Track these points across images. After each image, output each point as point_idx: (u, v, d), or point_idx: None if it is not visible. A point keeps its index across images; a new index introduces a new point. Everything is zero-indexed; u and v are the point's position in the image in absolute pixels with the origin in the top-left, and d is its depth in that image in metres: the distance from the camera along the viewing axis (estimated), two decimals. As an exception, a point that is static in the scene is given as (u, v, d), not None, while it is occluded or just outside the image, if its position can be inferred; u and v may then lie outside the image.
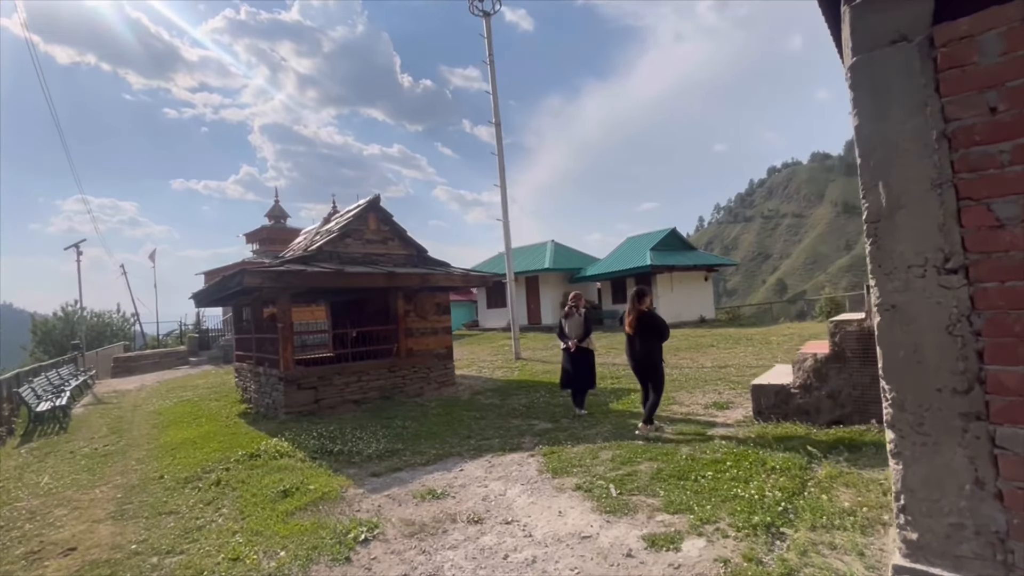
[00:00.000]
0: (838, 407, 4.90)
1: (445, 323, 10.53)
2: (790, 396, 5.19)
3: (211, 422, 8.51)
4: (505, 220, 14.18)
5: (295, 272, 7.92)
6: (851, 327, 4.82)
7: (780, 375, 5.79)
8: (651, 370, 5.69)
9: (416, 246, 10.24)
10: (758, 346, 12.23)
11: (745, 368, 9.34)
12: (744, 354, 11.15)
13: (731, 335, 15.38)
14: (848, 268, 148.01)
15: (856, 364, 4.78)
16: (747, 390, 7.35)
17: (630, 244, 25.70)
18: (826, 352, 4.98)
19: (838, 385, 4.90)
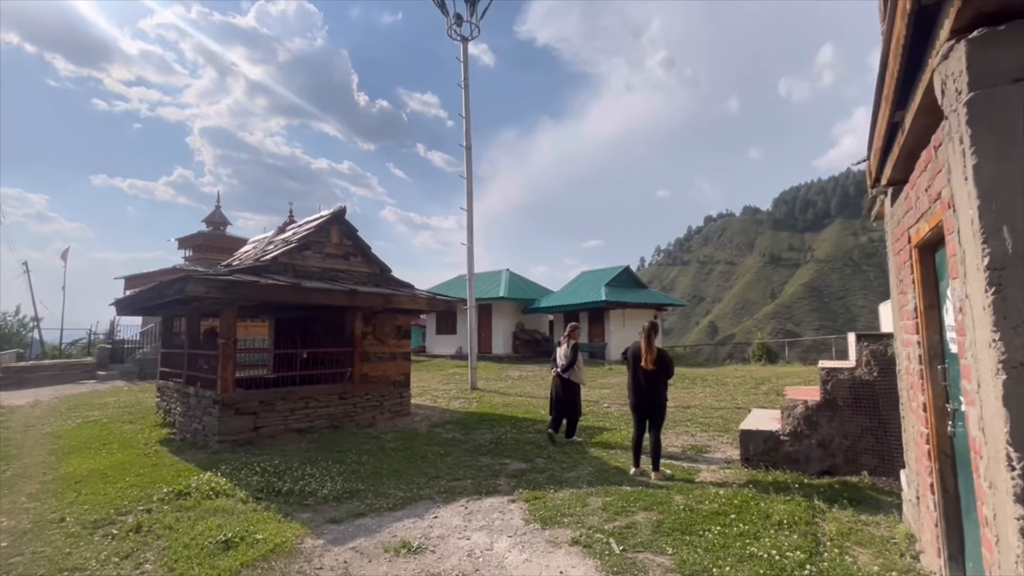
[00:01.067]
0: (829, 456, 4.83)
1: (404, 348, 9.89)
2: (779, 443, 5.08)
3: (125, 449, 7.34)
4: (470, 245, 13.82)
5: (247, 284, 7.12)
6: (843, 375, 4.81)
7: (763, 421, 5.70)
8: (658, 408, 5.46)
9: (380, 264, 9.63)
10: (714, 387, 12.41)
11: (709, 410, 9.34)
12: (703, 395, 11.23)
13: (686, 375, 15.61)
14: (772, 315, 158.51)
15: (847, 413, 4.74)
16: (720, 433, 7.29)
17: (584, 279, 26.01)
18: (816, 399, 4.92)
19: (829, 434, 4.83)
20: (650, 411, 5.43)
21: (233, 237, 24.26)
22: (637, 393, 5.46)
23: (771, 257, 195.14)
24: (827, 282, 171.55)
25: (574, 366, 7.36)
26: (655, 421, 5.42)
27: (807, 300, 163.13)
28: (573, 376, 7.34)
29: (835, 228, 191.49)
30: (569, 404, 7.31)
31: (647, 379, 5.41)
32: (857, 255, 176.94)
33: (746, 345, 61.93)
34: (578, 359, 7.39)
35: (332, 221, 9.04)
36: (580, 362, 7.44)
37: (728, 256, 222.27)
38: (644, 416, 5.49)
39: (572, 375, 7.34)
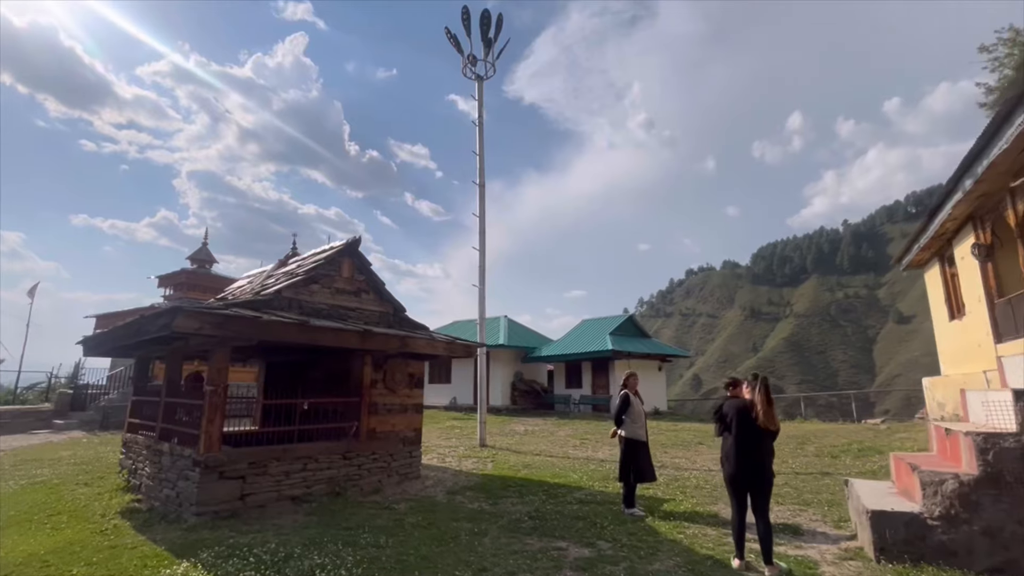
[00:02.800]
0: (1000, 549, 3.80)
1: (417, 399, 8.69)
2: (928, 529, 4.04)
3: (77, 522, 5.91)
4: (481, 288, 12.90)
5: (248, 320, 6.01)
6: (1007, 442, 3.87)
7: (883, 497, 4.67)
8: (769, 481, 4.39)
9: (393, 303, 8.59)
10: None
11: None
12: (742, 455, 10.11)
13: (704, 431, 14.50)
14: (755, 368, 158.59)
15: (1020, 492, 3.77)
16: (801, 506, 6.20)
17: (586, 327, 25.10)
18: (972, 473, 3.95)
19: (997, 519, 3.83)
20: (758, 484, 4.36)
21: (220, 276, 22.89)
22: (742, 462, 4.38)
23: (752, 311, 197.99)
24: (807, 336, 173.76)
25: (624, 418, 6.36)
26: (763, 498, 4.34)
27: (788, 355, 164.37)
28: (627, 431, 6.31)
29: (812, 284, 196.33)
30: (621, 464, 6.32)
31: (759, 444, 4.38)
32: (834, 310, 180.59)
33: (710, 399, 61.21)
34: (631, 409, 6.37)
35: (345, 253, 8.06)
36: (635, 412, 6.40)
37: (710, 309, 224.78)
38: (748, 491, 4.41)
39: (625, 429, 6.32)
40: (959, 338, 10.15)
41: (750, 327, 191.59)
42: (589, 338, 22.96)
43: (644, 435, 6.42)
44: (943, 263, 10.90)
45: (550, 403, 23.61)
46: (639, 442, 6.32)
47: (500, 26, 14.06)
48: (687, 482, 7.72)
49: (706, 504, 6.44)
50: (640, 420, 6.44)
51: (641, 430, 6.39)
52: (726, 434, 4.57)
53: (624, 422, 6.38)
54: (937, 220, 9.24)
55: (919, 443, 9.15)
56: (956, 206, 8.27)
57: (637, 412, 6.44)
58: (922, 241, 10.55)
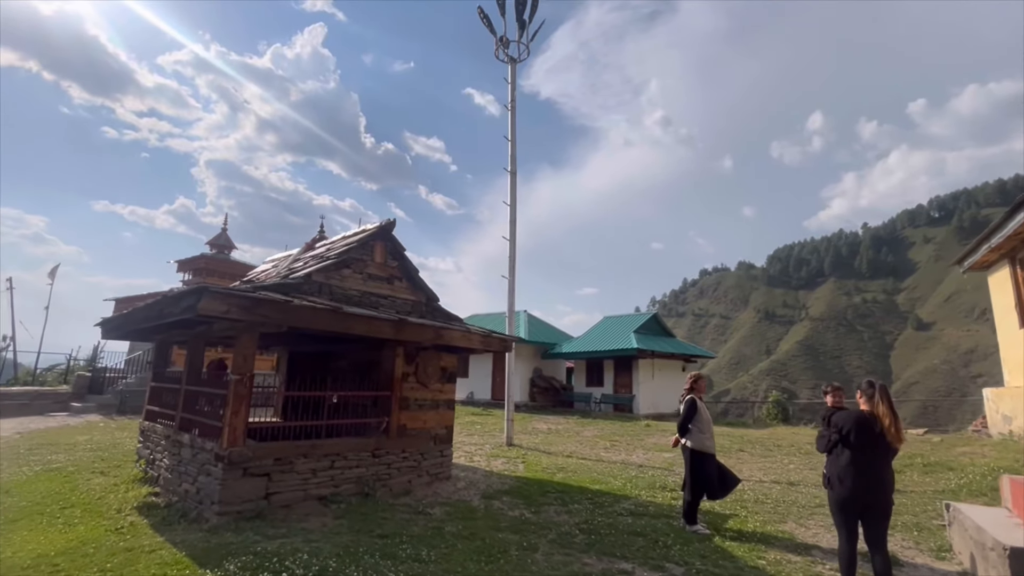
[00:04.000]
0: None
1: (449, 394, 8.16)
2: (1083, 573, 3.40)
3: (90, 518, 5.47)
4: (511, 278, 12.32)
5: (278, 304, 5.50)
6: None
7: (1007, 528, 4.03)
8: (888, 505, 3.73)
9: (426, 292, 8.06)
10: (789, 453, 10.63)
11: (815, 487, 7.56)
12: (792, 465, 9.43)
13: (737, 435, 13.83)
14: (768, 371, 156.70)
15: None
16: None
17: (609, 324, 24.46)
18: None
19: None
20: (877, 510, 3.72)
21: (239, 262, 22.57)
22: (860, 483, 3.71)
23: (766, 313, 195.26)
24: (822, 340, 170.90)
25: (690, 427, 5.70)
26: (882, 526, 3.71)
27: (802, 358, 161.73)
28: (693, 441, 5.67)
29: (829, 287, 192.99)
30: (687, 477, 5.71)
31: (882, 462, 3.75)
32: (851, 315, 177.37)
33: (745, 403, 59.93)
34: (698, 416, 5.69)
35: (378, 236, 7.53)
36: (703, 420, 5.71)
37: (723, 310, 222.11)
38: (863, 518, 3.78)
39: (691, 439, 5.68)
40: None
41: (764, 329, 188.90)
42: (612, 336, 22.32)
43: (713, 446, 5.76)
44: (1014, 265, 10.10)
45: (569, 401, 23.06)
46: (707, 455, 5.64)
47: (535, 6, 13.41)
48: (744, 495, 7.11)
49: (774, 522, 5.83)
50: (709, 429, 5.74)
51: (710, 441, 5.70)
52: (837, 449, 3.93)
53: (690, 431, 5.72)
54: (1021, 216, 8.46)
55: (993, 459, 8.41)
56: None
57: (705, 420, 5.74)
58: (995, 240, 9.76)
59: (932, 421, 57.94)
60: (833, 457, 3.99)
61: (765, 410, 28.49)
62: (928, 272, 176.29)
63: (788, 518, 5.97)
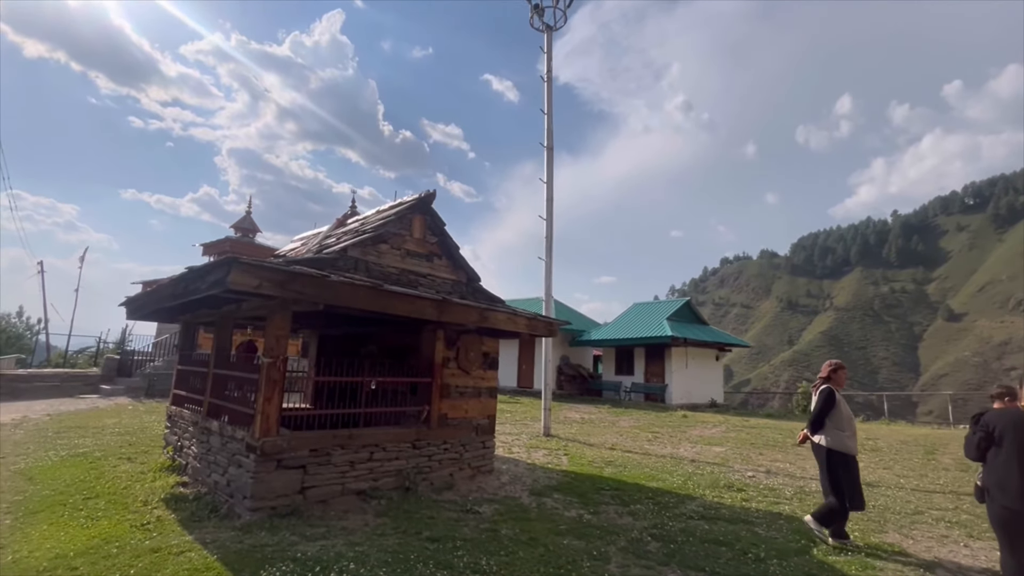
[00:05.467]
0: None
1: (491, 382, 7.58)
2: None
3: (115, 510, 5.04)
4: (548, 260, 11.64)
5: (315, 279, 4.93)
6: None
7: None
8: None
9: (467, 270, 7.44)
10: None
11: (909, 493, 6.81)
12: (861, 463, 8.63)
13: (783, 428, 13.05)
14: (790, 362, 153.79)
15: None
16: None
17: (639, 311, 23.65)
18: None
19: None
20: None
21: (263, 246, 22.29)
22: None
23: (788, 303, 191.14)
24: (847, 331, 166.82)
25: (824, 424, 4.81)
26: None
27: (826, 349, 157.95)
28: (832, 440, 4.75)
29: (855, 276, 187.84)
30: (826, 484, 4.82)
31: None
32: (878, 305, 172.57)
33: (767, 393, 58.61)
34: (836, 411, 4.77)
35: (416, 209, 6.91)
36: (843, 416, 4.79)
37: (744, 299, 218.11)
38: None
39: (829, 437, 4.78)
40: None
41: (786, 319, 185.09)
42: (643, 322, 21.53)
43: (855, 447, 4.82)
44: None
45: (597, 389, 22.42)
46: (849, 456, 4.75)
47: (574, -31, 12.50)
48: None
49: (874, 532, 5.13)
50: (850, 427, 4.81)
51: (852, 440, 4.78)
52: (992, 453, 3.22)
53: (826, 427, 4.81)
54: None
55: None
56: None
57: (846, 416, 4.82)
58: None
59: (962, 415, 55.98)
60: (989, 463, 3.27)
61: (795, 401, 27.54)
62: (961, 261, 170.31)
63: (887, 526, 5.26)
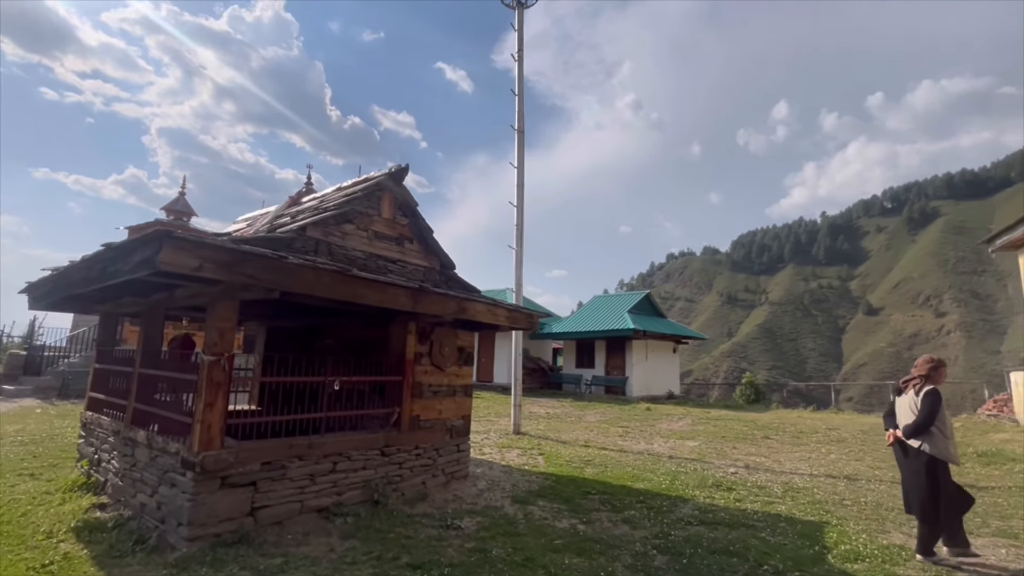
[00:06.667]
0: None
1: (466, 379, 6.93)
2: None
3: (7, 547, 4.03)
4: (519, 249, 11.08)
5: (268, 261, 4.09)
6: None
7: None
8: None
9: (442, 256, 6.73)
10: (820, 441, 9.93)
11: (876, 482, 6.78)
12: (832, 455, 8.68)
13: (748, 419, 13.19)
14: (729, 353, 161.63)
15: None
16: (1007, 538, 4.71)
17: (600, 304, 23.58)
18: None
19: None
20: None
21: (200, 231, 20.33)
22: None
23: (729, 297, 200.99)
24: (780, 324, 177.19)
25: (931, 430, 4.20)
26: None
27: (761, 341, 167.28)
28: (935, 447, 4.17)
29: (788, 273, 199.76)
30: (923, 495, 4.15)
31: None
32: (808, 300, 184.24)
33: (707, 384, 60.84)
34: (942, 416, 4.22)
35: (386, 185, 6.11)
36: (945, 422, 4.25)
37: (688, 293, 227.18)
38: None
39: (929, 444, 4.20)
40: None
41: (726, 312, 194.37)
42: (604, 315, 21.45)
43: (957, 455, 4.32)
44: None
45: (557, 383, 22.19)
46: (943, 465, 4.20)
47: (546, -56, 11.89)
48: (814, 494, 6.23)
49: (875, 531, 4.92)
50: (951, 433, 4.30)
51: (954, 448, 4.28)
52: None
53: (932, 432, 4.20)
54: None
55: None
56: None
57: (949, 423, 4.31)
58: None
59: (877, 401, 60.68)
60: None
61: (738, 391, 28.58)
62: (879, 260, 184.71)
63: (887, 525, 5.09)
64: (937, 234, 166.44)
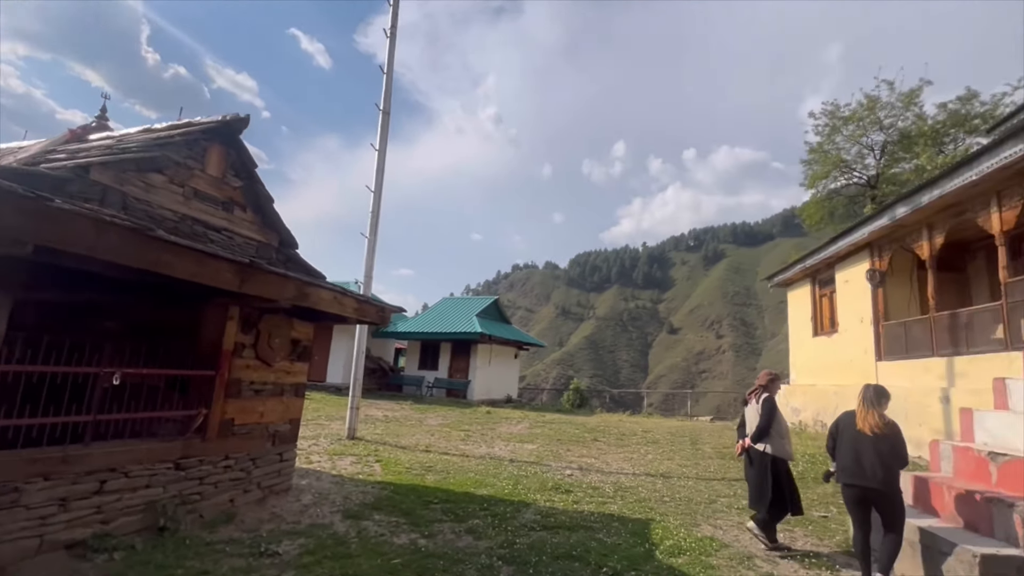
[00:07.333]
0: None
1: (299, 377, 5.99)
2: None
3: None
4: (372, 238, 10.19)
5: (21, 201, 2.88)
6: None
7: (937, 527, 4.12)
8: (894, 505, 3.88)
9: (282, 232, 5.72)
10: (640, 443, 11.00)
11: (685, 479, 7.68)
12: (650, 455, 9.62)
13: (579, 423, 14.12)
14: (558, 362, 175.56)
15: None
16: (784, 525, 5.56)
17: (449, 306, 23.33)
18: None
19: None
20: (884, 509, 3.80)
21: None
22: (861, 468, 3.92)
23: (563, 310, 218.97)
24: (603, 337, 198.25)
25: (770, 432, 4.88)
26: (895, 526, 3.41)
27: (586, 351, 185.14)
28: (775, 447, 4.86)
29: (613, 292, 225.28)
30: (767, 491, 4.77)
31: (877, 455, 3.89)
32: (626, 317, 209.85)
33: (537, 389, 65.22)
34: (778, 420, 4.94)
35: (218, 135, 4.95)
36: (784, 425, 5.03)
37: (528, 304, 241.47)
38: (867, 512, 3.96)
39: (770, 445, 4.86)
40: (826, 353, 11.31)
41: (560, 324, 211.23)
42: (453, 317, 21.27)
43: (792, 452, 5.10)
44: (814, 284, 12.13)
45: (397, 384, 21.30)
46: (788, 462, 4.96)
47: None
48: (639, 492, 6.71)
49: (688, 525, 5.41)
50: (788, 434, 5.05)
51: (790, 446, 5.01)
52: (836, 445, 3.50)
53: (771, 435, 4.89)
54: (843, 242, 9.94)
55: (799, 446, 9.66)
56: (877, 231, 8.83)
57: (785, 425, 5.06)
58: (809, 262, 11.49)
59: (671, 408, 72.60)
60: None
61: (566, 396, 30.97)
62: (682, 288, 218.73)
63: (698, 518, 5.66)
64: (722, 271, 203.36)
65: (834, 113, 19.64)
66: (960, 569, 3.66)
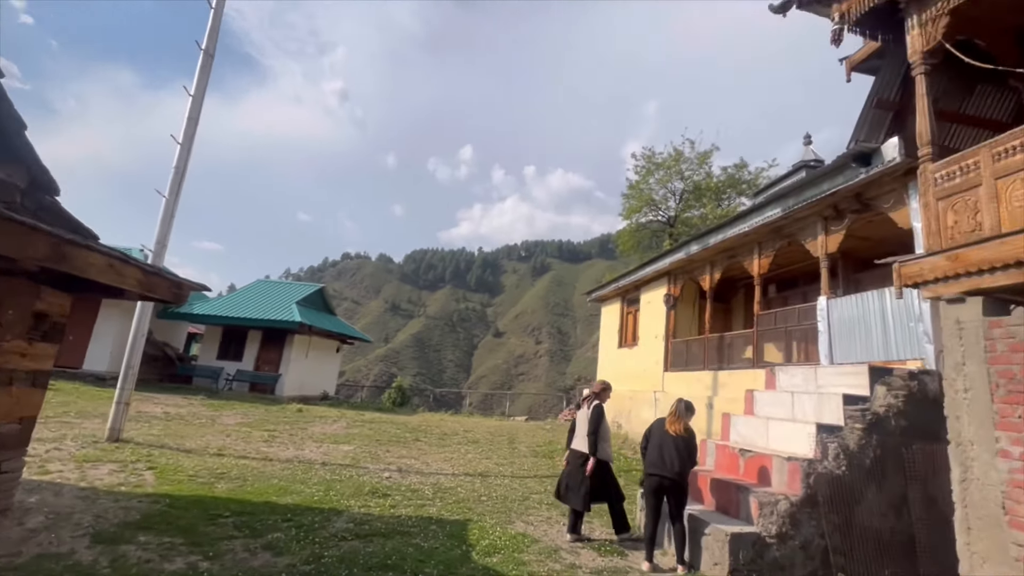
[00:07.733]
0: (808, 560, 4.42)
1: (43, 362, 4.55)
2: (766, 547, 4.37)
3: None
4: (172, 201, 8.37)
5: None
6: (822, 468, 4.61)
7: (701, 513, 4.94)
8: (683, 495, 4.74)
9: (34, 170, 4.26)
10: (460, 443, 11.11)
11: (502, 477, 8.00)
12: (470, 455, 9.74)
13: (400, 422, 13.73)
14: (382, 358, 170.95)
15: (824, 510, 4.51)
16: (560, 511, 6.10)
17: (263, 289, 20.70)
18: (798, 494, 4.53)
19: (809, 534, 4.46)
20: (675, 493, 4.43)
21: None
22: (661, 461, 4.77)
23: (393, 305, 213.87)
24: (431, 336, 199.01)
25: (599, 436, 5.39)
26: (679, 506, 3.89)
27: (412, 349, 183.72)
28: (602, 452, 5.40)
29: (445, 292, 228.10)
30: (583, 489, 5.27)
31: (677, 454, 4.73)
32: (456, 318, 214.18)
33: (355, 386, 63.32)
34: (604, 426, 5.51)
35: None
36: (608, 430, 5.68)
37: (356, 295, 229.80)
38: (662, 497, 4.74)
39: (600, 450, 5.38)
40: (627, 363, 12.94)
41: (387, 319, 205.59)
42: (267, 303, 18.93)
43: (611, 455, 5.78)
44: (623, 303, 13.83)
45: (187, 375, 18.14)
46: (609, 464, 5.60)
47: None
48: (457, 492, 6.69)
49: (503, 524, 5.57)
50: (609, 438, 5.68)
51: (610, 449, 5.70)
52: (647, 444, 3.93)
53: (598, 439, 5.40)
54: (649, 268, 11.52)
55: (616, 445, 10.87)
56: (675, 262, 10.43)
57: (609, 430, 5.73)
58: (621, 283, 13.08)
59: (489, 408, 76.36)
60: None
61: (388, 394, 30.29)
62: (510, 295, 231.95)
63: (512, 516, 5.86)
64: (547, 283, 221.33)
65: (650, 158, 22.91)
66: (715, 546, 4.42)
